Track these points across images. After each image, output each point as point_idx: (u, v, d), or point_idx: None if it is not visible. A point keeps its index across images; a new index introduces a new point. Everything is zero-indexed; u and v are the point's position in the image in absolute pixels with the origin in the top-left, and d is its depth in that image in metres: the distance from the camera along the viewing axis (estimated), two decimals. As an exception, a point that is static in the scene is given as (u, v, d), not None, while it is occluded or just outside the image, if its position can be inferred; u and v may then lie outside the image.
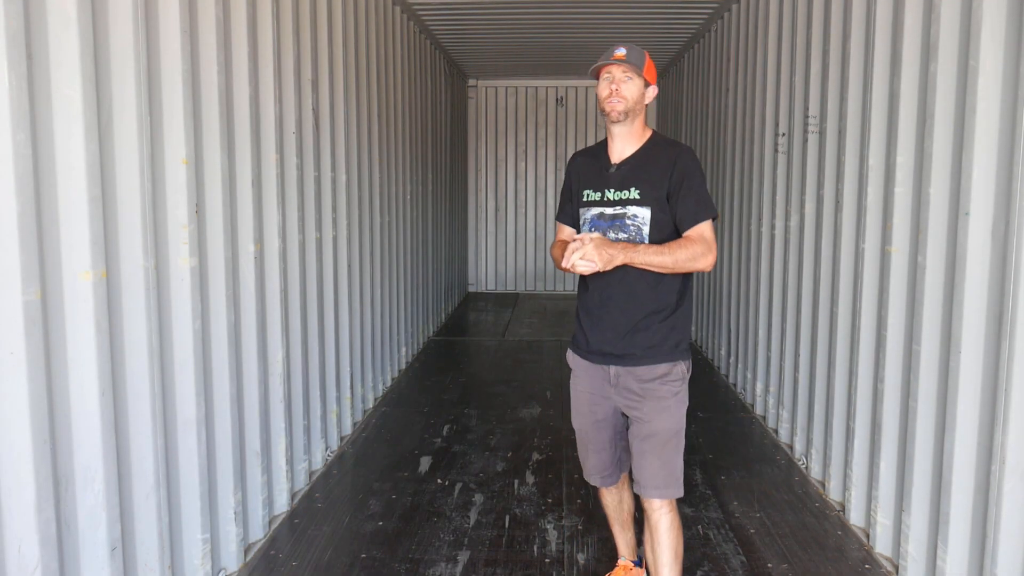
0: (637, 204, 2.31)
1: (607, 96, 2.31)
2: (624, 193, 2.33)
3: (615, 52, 2.31)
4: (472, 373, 5.97)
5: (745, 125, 5.23)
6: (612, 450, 2.53)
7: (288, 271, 3.47)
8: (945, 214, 2.67)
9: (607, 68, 2.32)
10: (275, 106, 3.25)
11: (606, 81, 2.32)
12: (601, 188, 2.38)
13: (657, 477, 2.35)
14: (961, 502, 2.55)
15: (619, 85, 2.30)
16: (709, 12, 6.10)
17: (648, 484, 2.36)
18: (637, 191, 2.32)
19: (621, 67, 2.30)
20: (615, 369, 2.38)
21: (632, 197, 2.32)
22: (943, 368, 2.68)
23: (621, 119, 2.32)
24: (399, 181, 5.75)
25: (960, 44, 2.59)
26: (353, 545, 3.08)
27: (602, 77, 2.34)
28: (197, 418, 2.62)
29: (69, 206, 2.07)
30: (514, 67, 8.96)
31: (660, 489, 2.35)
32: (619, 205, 2.34)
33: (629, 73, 2.31)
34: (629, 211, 2.32)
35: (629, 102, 2.31)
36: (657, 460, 2.35)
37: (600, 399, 2.45)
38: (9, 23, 1.82)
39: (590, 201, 2.40)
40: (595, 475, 2.58)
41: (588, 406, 2.48)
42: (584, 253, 2.13)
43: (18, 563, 1.94)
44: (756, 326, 4.93)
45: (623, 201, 2.33)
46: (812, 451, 3.83)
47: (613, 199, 2.35)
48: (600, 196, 2.38)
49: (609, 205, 2.35)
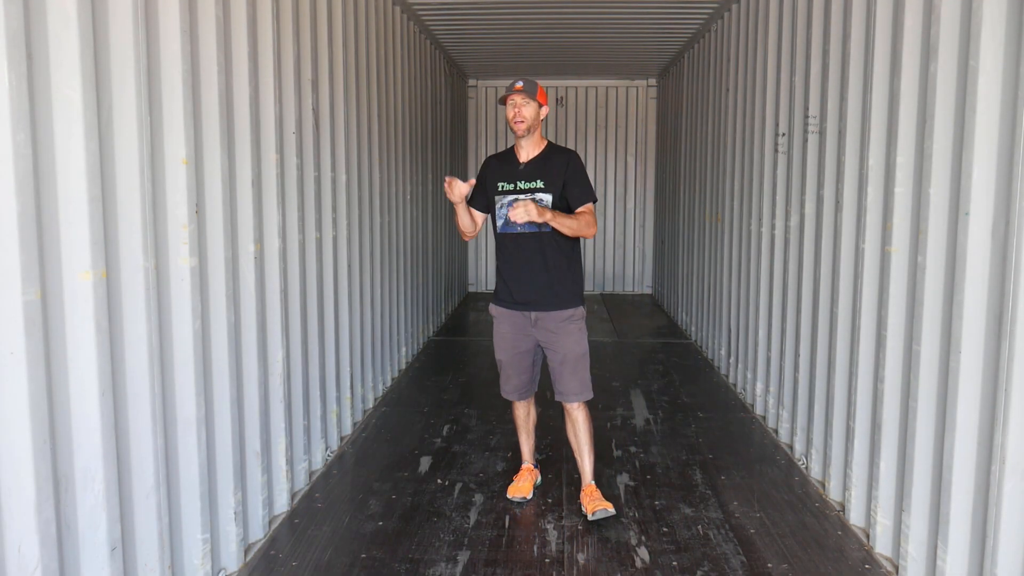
0: (543, 191, 3.22)
1: (512, 117, 3.20)
2: (533, 183, 3.24)
3: (515, 84, 3.18)
4: (472, 373, 5.97)
5: (745, 125, 5.23)
6: (530, 373, 3.46)
7: (288, 271, 3.46)
8: (945, 214, 2.67)
9: (511, 96, 3.18)
10: (275, 106, 3.25)
11: (511, 106, 3.20)
12: (514, 180, 3.27)
13: (574, 386, 3.31)
14: (961, 502, 2.55)
15: (520, 109, 3.18)
16: (709, 12, 6.10)
17: (568, 392, 3.32)
18: (542, 182, 3.23)
19: (521, 95, 3.17)
20: (536, 314, 3.29)
21: (539, 186, 3.23)
22: (943, 368, 2.68)
23: (525, 133, 3.23)
24: (399, 181, 5.75)
25: (960, 44, 2.59)
26: (353, 545, 3.08)
27: (508, 103, 3.20)
28: (197, 418, 2.62)
29: (69, 206, 2.07)
30: (514, 67, 8.96)
31: (577, 395, 3.32)
32: (529, 192, 3.24)
33: (526, 99, 3.18)
34: (537, 196, 3.22)
35: (529, 121, 3.20)
36: (574, 376, 3.30)
37: (522, 336, 3.36)
38: (9, 23, 1.82)
39: (505, 190, 3.28)
40: (515, 392, 3.48)
41: (512, 342, 3.37)
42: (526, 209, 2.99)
43: (18, 563, 1.94)
44: (756, 326, 4.93)
45: (532, 189, 3.24)
46: (812, 451, 3.83)
47: (524, 188, 3.25)
48: (513, 186, 3.27)
49: (521, 192, 3.25)
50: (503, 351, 3.42)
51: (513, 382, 3.46)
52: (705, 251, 6.61)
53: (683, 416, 4.77)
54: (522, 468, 3.64)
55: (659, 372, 5.92)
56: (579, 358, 3.29)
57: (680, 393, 5.31)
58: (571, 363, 3.28)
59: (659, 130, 9.55)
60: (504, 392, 3.52)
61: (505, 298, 3.35)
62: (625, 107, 9.92)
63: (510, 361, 3.42)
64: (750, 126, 5.10)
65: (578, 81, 9.87)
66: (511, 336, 3.37)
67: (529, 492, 3.52)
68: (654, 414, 4.80)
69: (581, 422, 3.37)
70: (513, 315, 3.34)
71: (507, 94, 3.19)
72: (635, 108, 9.94)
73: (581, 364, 3.30)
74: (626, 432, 4.44)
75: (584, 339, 3.31)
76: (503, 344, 3.41)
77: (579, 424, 3.37)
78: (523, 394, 3.50)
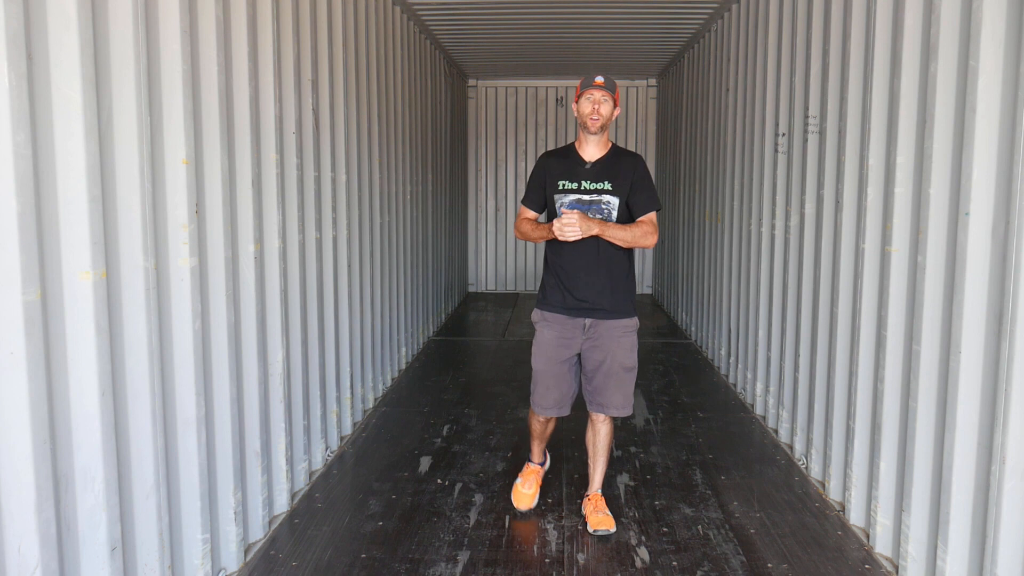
0: (610, 194, 3.04)
1: (589, 113, 3.02)
2: (600, 184, 3.05)
3: (595, 79, 3.01)
4: (472, 373, 5.97)
5: (745, 125, 5.23)
6: (570, 384, 3.22)
7: (288, 271, 3.46)
8: (945, 214, 2.67)
9: (590, 91, 3.01)
10: (275, 106, 3.25)
11: (588, 101, 3.02)
12: (578, 179, 3.08)
13: (618, 400, 3.15)
14: (961, 502, 2.55)
15: (599, 105, 3.01)
16: (709, 12, 6.09)
17: (610, 404, 3.16)
18: (610, 184, 3.04)
19: (601, 91, 3.01)
20: (591, 321, 3.11)
21: (606, 188, 3.04)
22: (943, 368, 2.68)
23: (599, 132, 3.05)
24: (399, 181, 5.75)
25: (960, 44, 2.59)
26: (353, 545, 3.08)
27: (584, 97, 3.02)
28: (197, 418, 2.62)
29: (69, 206, 2.07)
30: (514, 67, 8.96)
31: (620, 409, 3.17)
32: (595, 193, 3.05)
33: (606, 96, 3.01)
34: (603, 198, 3.04)
35: (604, 119, 3.02)
36: (619, 389, 3.14)
37: (565, 345, 3.14)
38: (9, 23, 1.82)
39: (567, 189, 3.09)
40: (554, 407, 3.22)
41: (554, 350, 3.14)
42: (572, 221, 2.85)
43: (18, 563, 1.94)
44: (756, 326, 4.93)
45: (599, 191, 3.05)
46: (812, 451, 3.83)
47: (590, 188, 3.06)
48: (577, 186, 3.07)
49: (586, 193, 3.06)
50: (542, 359, 3.17)
51: (553, 395, 3.19)
52: (705, 251, 6.61)
53: (683, 416, 4.77)
54: (528, 467, 3.52)
55: (659, 372, 5.92)
56: (628, 371, 3.14)
57: (680, 393, 5.31)
58: (618, 376, 3.12)
59: (659, 130, 9.55)
60: (539, 407, 3.23)
61: (556, 303, 3.14)
62: (625, 107, 9.92)
63: (549, 371, 3.17)
64: (750, 126, 5.10)
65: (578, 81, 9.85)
66: (554, 344, 3.14)
67: (533, 501, 3.40)
68: (654, 414, 4.80)
69: (605, 434, 3.26)
70: (563, 321, 3.13)
71: (586, 88, 3.02)
72: (635, 108, 9.94)
73: (628, 378, 3.15)
74: (626, 432, 4.44)
75: (635, 353, 3.17)
76: (544, 352, 3.16)
77: (602, 435, 3.26)
78: (563, 408, 3.24)
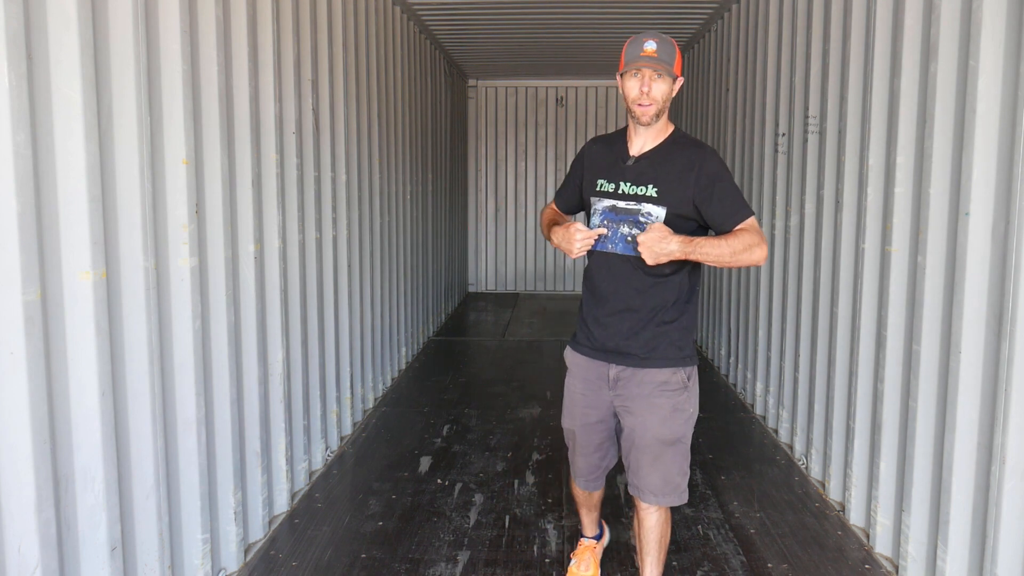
0: (653, 202, 2.19)
1: (636, 98, 2.16)
2: (640, 189, 2.21)
3: (644, 47, 2.13)
4: (472, 373, 5.97)
5: (745, 125, 5.23)
6: (602, 454, 2.47)
7: (288, 271, 3.46)
8: (945, 214, 2.67)
9: (636, 63, 2.14)
10: (275, 106, 3.25)
11: (635, 80, 2.16)
12: (616, 180, 2.26)
13: (653, 482, 2.29)
14: (961, 502, 2.55)
15: (650, 86, 2.15)
16: (709, 12, 6.09)
17: (645, 489, 2.31)
18: (655, 189, 2.19)
19: (652, 65, 2.13)
20: (616, 369, 2.29)
21: (648, 194, 2.19)
22: (943, 368, 2.68)
23: (652, 121, 2.19)
24: (399, 181, 5.75)
25: (960, 44, 2.59)
26: (353, 545, 3.08)
27: (630, 74, 2.17)
28: (197, 418, 2.62)
29: (69, 206, 2.07)
30: (514, 67, 8.96)
31: (657, 496, 2.31)
32: (633, 200, 2.21)
33: (660, 70, 2.14)
34: (644, 208, 2.19)
35: (660, 103, 2.17)
36: (654, 468, 2.28)
37: (594, 399, 2.36)
38: (9, 23, 1.82)
39: (603, 192, 2.28)
40: (580, 478, 2.55)
41: (581, 407, 2.39)
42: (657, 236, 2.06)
43: (18, 563, 1.94)
44: (756, 326, 4.93)
45: (638, 197, 2.21)
46: (812, 451, 3.83)
47: (628, 193, 2.22)
48: (614, 188, 2.25)
49: (623, 199, 2.23)
50: (567, 417, 2.46)
51: (579, 464, 2.50)
52: (705, 251, 6.60)
53: (683, 416, 4.77)
54: (580, 544, 2.79)
55: (659, 372, 5.91)
56: (666, 444, 2.26)
57: (680, 393, 5.31)
58: (652, 450, 2.26)
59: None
60: (573, 472, 2.58)
61: (580, 339, 2.38)
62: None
63: (576, 434, 2.45)
64: (750, 126, 5.10)
65: (578, 81, 9.86)
66: (581, 397, 2.39)
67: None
68: (654, 414, 4.80)
69: (651, 527, 2.35)
70: (589, 366, 2.36)
71: (631, 61, 2.15)
72: (635, 108, 9.94)
73: (669, 453, 2.26)
74: (626, 432, 4.44)
75: (681, 419, 2.26)
76: (571, 408, 2.43)
77: (647, 528, 2.36)
78: (591, 483, 2.54)
